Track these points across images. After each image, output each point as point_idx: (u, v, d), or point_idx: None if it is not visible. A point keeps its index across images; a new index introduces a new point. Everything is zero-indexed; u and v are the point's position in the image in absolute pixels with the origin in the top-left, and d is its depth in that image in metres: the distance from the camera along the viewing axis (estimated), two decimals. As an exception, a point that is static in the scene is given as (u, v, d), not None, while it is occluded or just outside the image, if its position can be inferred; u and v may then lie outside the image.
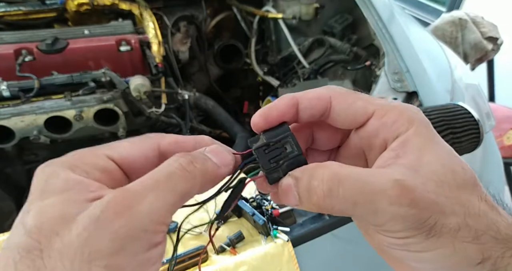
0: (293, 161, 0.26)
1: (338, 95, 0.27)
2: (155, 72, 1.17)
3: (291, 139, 0.27)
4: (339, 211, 0.24)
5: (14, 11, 1.25)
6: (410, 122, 0.25)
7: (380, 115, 0.26)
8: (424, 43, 1.19)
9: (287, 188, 0.25)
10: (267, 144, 0.27)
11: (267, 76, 1.51)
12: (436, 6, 2.76)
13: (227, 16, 1.56)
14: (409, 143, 0.25)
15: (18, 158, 1.13)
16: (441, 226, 0.23)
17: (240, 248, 0.71)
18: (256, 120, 0.27)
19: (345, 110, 0.26)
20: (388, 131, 0.25)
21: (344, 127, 0.28)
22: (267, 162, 0.26)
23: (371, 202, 0.23)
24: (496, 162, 1.09)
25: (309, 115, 0.27)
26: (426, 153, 0.24)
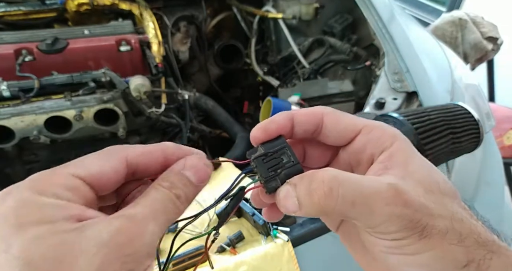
0: (290, 170, 0.28)
1: (329, 113, 0.29)
2: (155, 72, 1.17)
3: (287, 150, 0.28)
4: (339, 212, 0.25)
5: (14, 11, 1.25)
6: (394, 138, 0.28)
7: (367, 132, 0.28)
8: (424, 43, 1.19)
9: (286, 194, 0.26)
10: (265, 153, 0.28)
11: (267, 76, 1.51)
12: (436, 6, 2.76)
13: (227, 16, 1.56)
14: (395, 156, 0.27)
15: (18, 158, 1.13)
16: (431, 228, 0.24)
17: (240, 248, 0.71)
18: (255, 132, 0.29)
19: (335, 127, 0.29)
20: (375, 146, 0.28)
21: (335, 143, 0.30)
22: (266, 171, 0.28)
23: (369, 202, 0.24)
24: (496, 162, 1.09)
25: (303, 130, 0.29)
26: (411, 164, 0.27)
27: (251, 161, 0.28)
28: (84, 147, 1.17)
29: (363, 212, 0.25)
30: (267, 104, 1.18)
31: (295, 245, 0.70)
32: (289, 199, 0.26)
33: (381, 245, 0.26)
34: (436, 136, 0.64)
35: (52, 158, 1.15)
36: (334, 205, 0.25)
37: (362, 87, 1.28)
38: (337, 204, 0.24)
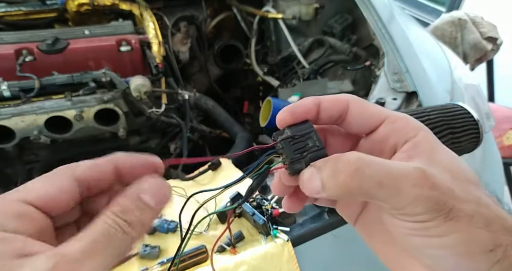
0: (316, 154, 0.28)
1: (355, 100, 0.29)
2: (156, 72, 1.18)
3: (314, 135, 0.28)
4: (365, 191, 0.25)
5: (15, 11, 1.25)
6: (418, 129, 0.28)
7: (391, 121, 0.28)
8: (424, 44, 1.19)
9: (310, 176, 0.27)
10: (292, 136, 0.28)
11: (267, 77, 1.51)
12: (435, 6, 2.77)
13: (227, 17, 1.56)
14: (419, 146, 0.27)
15: (19, 158, 1.13)
16: (458, 211, 0.24)
17: (240, 248, 0.71)
18: (283, 115, 0.29)
19: (361, 114, 0.29)
20: (398, 136, 0.28)
21: (358, 130, 0.30)
22: (292, 153, 0.28)
23: (395, 183, 0.24)
24: (495, 162, 1.09)
25: (328, 116, 0.29)
26: (436, 154, 0.27)
27: (277, 142, 0.29)
28: (85, 147, 1.17)
29: (389, 193, 0.24)
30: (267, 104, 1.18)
31: (295, 245, 0.70)
32: (313, 180, 0.26)
33: (406, 227, 0.25)
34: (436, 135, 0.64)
35: (52, 157, 1.15)
36: (360, 184, 0.24)
37: (362, 87, 1.28)
38: (363, 183, 0.24)
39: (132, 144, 1.23)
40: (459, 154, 0.74)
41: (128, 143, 1.21)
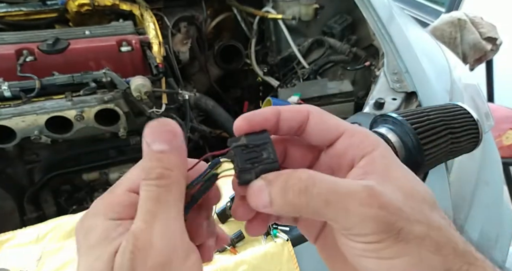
0: (267, 167, 0.27)
1: (315, 111, 0.29)
2: (156, 72, 1.18)
3: (269, 146, 0.28)
4: (312, 209, 0.25)
5: (15, 11, 1.25)
6: (376, 144, 0.28)
7: (349, 135, 0.28)
8: (423, 44, 1.19)
9: (259, 189, 0.26)
10: (246, 144, 0.28)
11: (267, 77, 1.51)
12: (435, 7, 2.77)
13: (227, 17, 1.57)
14: (376, 162, 0.27)
15: (19, 158, 1.13)
16: (407, 232, 0.24)
17: (240, 248, 0.71)
18: (239, 122, 0.29)
19: (320, 125, 0.29)
20: (356, 150, 0.28)
21: (318, 142, 0.30)
22: (243, 162, 0.27)
23: (343, 202, 0.24)
24: (495, 162, 1.09)
25: (288, 126, 0.29)
26: (392, 171, 0.27)
27: (230, 149, 0.28)
28: (85, 147, 1.17)
29: (337, 212, 0.24)
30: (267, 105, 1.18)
31: (295, 245, 0.71)
32: (261, 194, 0.26)
33: (358, 248, 0.25)
34: (435, 136, 0.65)
35: (53, 157, 1.15)
36: (308, 202, 0.24)
37: (362, 87, 1.29)
38: (311, 202, 0.24)
39: (132, 144, 1.23)
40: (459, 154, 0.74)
41: (128, 143, 1.21)
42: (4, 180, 1.12)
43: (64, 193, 1.20)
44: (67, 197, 1.20)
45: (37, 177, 1.16)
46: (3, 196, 1.09)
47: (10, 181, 1.14)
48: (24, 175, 1.15)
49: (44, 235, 0.74)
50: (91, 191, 1.20)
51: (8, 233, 0.74)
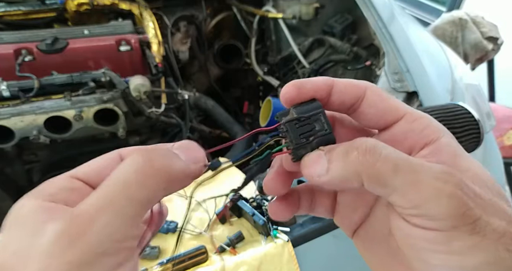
0: (323, 139, 0.25)
1: (374, 89, 0.25)
2: (155, 72, 1.18)
3: (322, 116, 0.25)
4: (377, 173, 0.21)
5: (14, 11, 1.25)
6: (440, 132, 0.24)
7: (410, 120, 0.25)
8: (424, 43, 1.19)
9: (316, 158, 0.23)
10: (298, 118, 0.25)
11: (267, 76, 1.51)
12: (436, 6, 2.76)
13: (227, 16, 1.56)
14: (441, 151, 0.23)
15: (18, 158, 1.13)
16: (485, 224, 0.20)
17: (240, 248, 0.71)
18: (288, 89, 0.25)
19: (377, 105, 0.25)
20: (417, 137, 0.24)
21: (371, 124, 0.26)
22: (297, 137, 0.25)
23: (414, 171, 0.21)
24: (496, 162, 1.09)
25: (341, 101, 0.25)
26: (462, 161, 0.23)
27: (281, 124, 0.25)
28: (84, 147, 1.17)
29: (406, 181, 0.20)
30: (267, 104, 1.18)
31: (295, 245, 0.70)
32: (318, 161, 0.23)
33: (422, 238, 0.21)
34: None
35: (52, 157, 1.15)
36: (373, 164, 0.21)
37: (362, 87, 1.28)
38: (377, 164, 0.20)
39: (131, 144, 1.23)
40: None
41: (127, 143, 1.21)
42: (3, 180, 1.12)
43: (63, 193, 1.19)
44: (66, 197, 1.19)
45: (36, 177, 1.15)
46: (2, 196, 1.08)
47: (8, 181, 1.13)
48: (23, 175, 1.15)
49: (43, 236, 0.73)
50: (90, 191, 1.20)
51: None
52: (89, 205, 0.21)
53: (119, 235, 0.20)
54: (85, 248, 0.19)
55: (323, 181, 0.23)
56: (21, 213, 0.21)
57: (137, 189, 0.21)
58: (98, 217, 0.20)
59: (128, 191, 0.20)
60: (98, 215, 0.20)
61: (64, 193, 0.22)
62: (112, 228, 0.20)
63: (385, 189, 0.21)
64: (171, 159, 0.22)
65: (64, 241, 0.20)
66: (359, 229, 0.28)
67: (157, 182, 0.21)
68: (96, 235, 0.20)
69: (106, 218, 0.20)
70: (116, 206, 0.20)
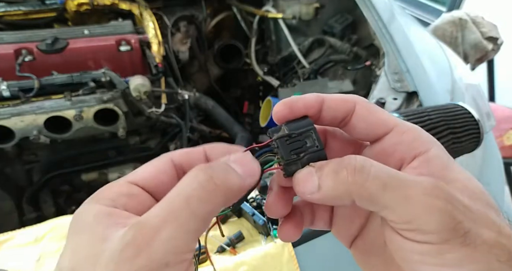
0: (314, 155, 0.25)
1: (363, 103, 0.26)
2: (155, 72, 1.18)
3: (313, 133, 0.26)
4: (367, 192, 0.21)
5: (14, 11, 1.25)
6: (430, 144, 0.25)
7: (400, 132, 0.25)
8: (424, 43, 1.19)
9: (308, 173, 0.24)
10: (289, 134, 0.26)
11: (267, 76, 1.51)
12: (436, 6, 2.76)
13: (227, 16, 1.56)
14: (431, 162, 0.24)
15: (18, 158, 1.13)
16: (475, 236, 0.21)
17: (240, 248, 0.71)
18: (279, 108, 0.26)
19: (367, 118, 0.26)
20: (406, 149, 0.25)
21: (362, 137, 0.27)
22: (288, 153, 0.25)
23: (404, 187, 0.21)
24: (496, 162, 1.09)
25: (332, 116, 0.26)
26: (451, 172, 0.24)
27: (273, 140, 0.26)
28: (84, 147, 1.17)
29: (396, 198, 0.21)
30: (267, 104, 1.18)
31: (295, 245, 0.70)
32: (309, 179, 0.23)
33: (415, 251, 0.22)
34: (436, 136, 0.64)
35: (52, 158, 1.15)
36: (363, 183, 0.21)
37: (362, 87, 1.28)
38: (367, 183, 0.21)
39: (131, 144, 1.23)
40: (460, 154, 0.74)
41: (127, 142, 1.21)
42: (3, 180, 1.12)
43: (63, 193, 1.20)
44: (66, 197, 1.19)
45: (36, 177, 1.15)
46: (2, 196, 1.08)
47: (9, 181, 1.13)
48: (23, 175, 1.15)
49: (43, 236, 0.73)
50: (90, 191, 1.19)
51: (7, 234, 0.74)
52: (154, 216, 0.21)
53: (181, 248, 0.21)
54: (151, 258, 0.20)
55: (315, 198, 0.23)
56: (86, 218, 0.22)
57: (200, 204, 0.21)
58: (163, 229, 0.21)
59: (192, 206, 0.21)
60: (163, 227, 0.21)
61: (124, 198, 0.23)
62: (175, 240, 0.21)
63: (376, 206, 0.22)
64: (230, 175, 0.23)
65: (132, 250, 0.20)
66: (356, 239, 0.29)
67: (218, 197, 0.22)
68: (161, 246, 0.20)
69: (170, 231, 0.21)
70: (180, 220, 0.21)
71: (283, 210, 0.27)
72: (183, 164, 0.26)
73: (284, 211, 0.27)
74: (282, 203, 0.27)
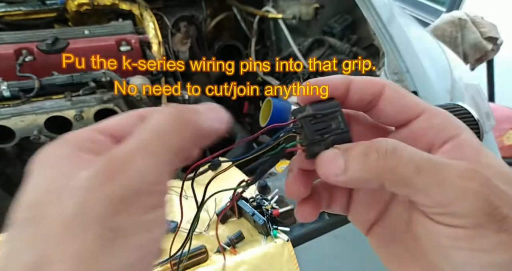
0: (338, 137, 0.24)
1: (392, 85, 0.25)
2: (155, 72, 1.18)
3: (339, 115, 0.25)
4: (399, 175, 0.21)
5: (14, 11, 1.25)
6: (461, 128, 0.24)
7: (430, 116, 0.24)
8: (424, 43, 1.19)
9: (333, 155, 0.23)
10: (314, 114, 0.24)
11: (267, 76, 1.51)
12: (435, 6, 2.76)
13: (227, 16, 1.56)
14: (463, 147, 0.23)
15: (19, 158, 1.13)
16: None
17: (240, 248, 0.71)
18: (304, 89, 0.25)
19: (396, 101, 0.25)
20: (437, 134, 0.24)
21: (389, 121, 0.26)
22: (312, 133, 0.24)
23: (438, 170, 0.20)
24: (495, 162, 1.09)
25: (359, 98, 0.25)
26: (484, 157, 0.22)
27: (297, 120, 0.25)
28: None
29: (430, 181, 0.20)
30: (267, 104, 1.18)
31: (295, 245, 0.70)
32: (335, 160, 0.23)
33: (448, 235, 0.21)
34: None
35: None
36: (395, 166, 0.20)
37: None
38: (399, 166, 0.20)
39: (132, 144, 1.23)
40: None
41: (128, 142, 1.21)
42: (4, 180, 1.12)
43: (64, 193, 1.20)
44: (66, 197, 1.19)
45: (37, 177, 1.15)
46: (2, 196, 1.08)
47: (9, 181, 1.13)
48: (23, 175, 1.14)
49: (43, 236, 0.73)
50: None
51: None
52: (125, 147, 0.21)
53: (153, 178, 0.20)
54: (123, 184, 0.20)
55: (341, 180, 0.22)
56: (50, 157, 0.22)
57: (171, 137, 0.21)
58: (135, 159, 0.20)
59: (163, 137, 0.21)
60: (135, 155, 0.20)
61: (90, 143, 0.23)
62: (148, 169, 0.20)
63: (409, 190, 0.21)
64: (199, 114, 0.23)
65: (103, 177, 0.20)
66: (374, 226, 0.28)
67: (188, 131, 0.22)
68: (133, 174, 0.20)
69: (142, 160, 0.20)
70: (151, 150, 0.21)
71: (302, 193, 0.26)
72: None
73: (303, 193, 0.26)
74: (302, 185, 0.26)
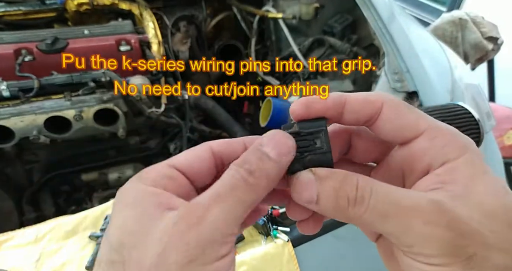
0: (317, 157, 0.25)
1: (391, 103, 0.25)
2: (155, 72, 1.17)
3: (323, 135, 0.25)
4: (366, 222, 0.22)
5: (14, 11, 1.25)
6: (463, 150, 0.23)
7: (431, 136, 0.24)
8: (424, 43, 1.19)
9: (307, 181, 0.24)
10: (297, 132, 0.25)
11: (267, 76, 1.51)
12: (436, 6, 2.76)
13: (227, 16, 1.56)
14: (458, 171, 0.23)
15: (18, 158, 1.13)
16: (483, 259, 0.20)
17: (240, 248, 0.71)
18: (296, 107, 0.25)
19: (395, 121, 0.24)
20: (436, 154, 0.23)
21: (388, 139, 0.26)
22: None
23: (404, 217, 0.21)
24: (496, 162, 1.08)
25: (355, 118, 0.25)
26: (476, 184, 0.22)
27: None
28: (84, 147, 1.17)
29: (396, 227, 0.21)
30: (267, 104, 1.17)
31: (295, 245, 0.70)
32: (309, 187, 0.23)
33: (417, 268, 0.22)
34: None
35: (52, 157, 1.15)
36: (362, 214, 0.22)
37: (362, 87, 1.28)
38: (365, 214, 0.22)
39: (131, 144, 1.23)
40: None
41: (127, 142, 1.21)
42: (3, 180, 1.12)
43: (63, 193, 1.19)
44: (66, 197, 1.19)
45: (36, 177, 1.15)
46: (2, 196, 1.08)
47: (9, 181, 1.13)
48: (23, 175, 1.15)
49: (43, 236, 0.73)
50: (90, 191, 1.20)
51: (7, 234, 0.74)
52: (203, 199, 0.23)
53: (227, 229, 0.22)
54: (201, 233, 0.21)
55: (312, 208, 0.24)
56: (129, 196, 0.24)
57: (245, 193, 0.23)
58: (212, 209, 0.22)
59: (238, 194, 0.23)
60: (212, 207, 0.22)
61: (164, 180, 0.24)
62: (222, 222, 0.22)
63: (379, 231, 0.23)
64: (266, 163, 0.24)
65: (183, 225, 0.21)
66: (380, 237, 0.28)
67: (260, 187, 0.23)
68: (209, 225, 0.22)
69: (219, 212, 0.22)
70: (228, 204, 0.22)
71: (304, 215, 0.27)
72: (222, 153, 0.26)
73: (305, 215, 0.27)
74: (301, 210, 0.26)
